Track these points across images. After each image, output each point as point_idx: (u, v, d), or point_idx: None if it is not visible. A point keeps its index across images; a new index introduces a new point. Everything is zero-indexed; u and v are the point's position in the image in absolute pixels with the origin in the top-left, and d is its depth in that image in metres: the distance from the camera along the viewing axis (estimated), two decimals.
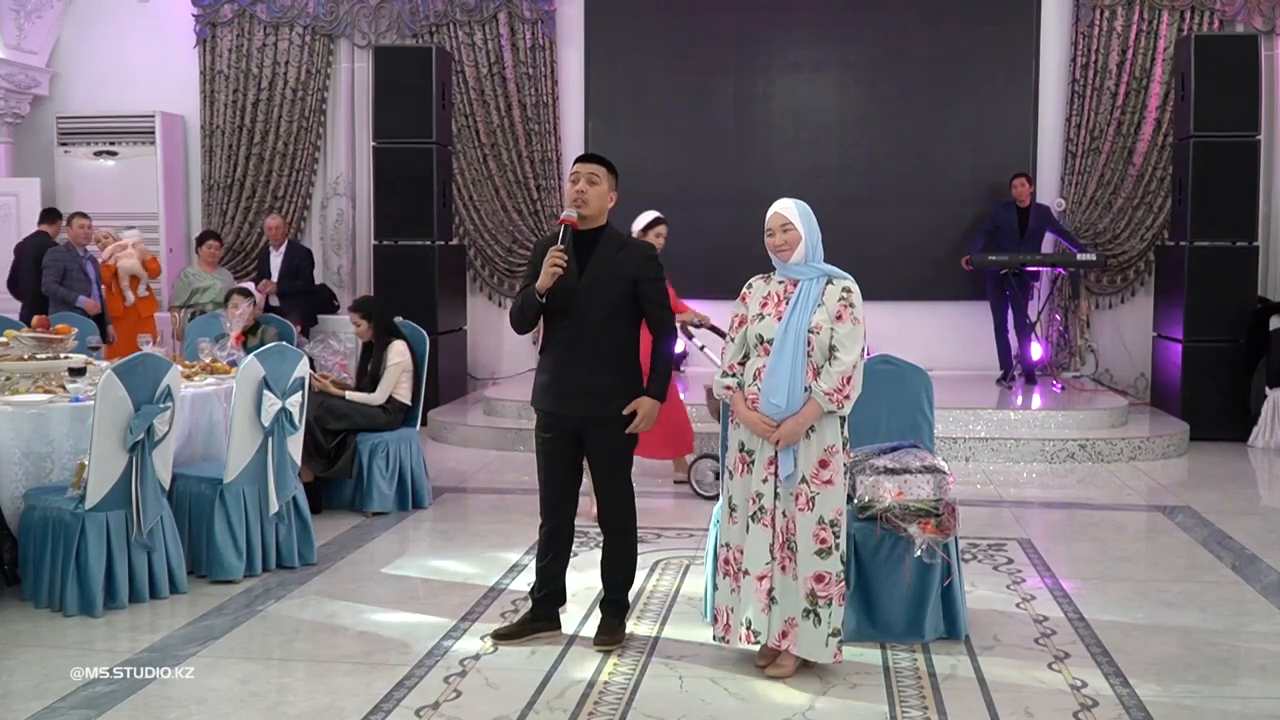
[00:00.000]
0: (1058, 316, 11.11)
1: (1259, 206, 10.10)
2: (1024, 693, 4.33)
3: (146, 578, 5.31)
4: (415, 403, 7.38)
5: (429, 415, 9.63)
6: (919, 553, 4.73)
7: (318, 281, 11.68)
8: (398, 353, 7.21)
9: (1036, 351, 10.51)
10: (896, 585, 4.80)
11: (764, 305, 4.46)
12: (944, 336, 11.00)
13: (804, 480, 4.37)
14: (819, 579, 4.36)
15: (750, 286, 4.56)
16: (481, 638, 4.88)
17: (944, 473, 4.82)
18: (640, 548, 5.10)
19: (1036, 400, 9.84)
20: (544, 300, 4.58)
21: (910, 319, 10.91)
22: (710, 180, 11.31)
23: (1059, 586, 5.65)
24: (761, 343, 4.42)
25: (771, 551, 4.42)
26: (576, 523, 4.96)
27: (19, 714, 4.08)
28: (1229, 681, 4.60)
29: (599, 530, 4.96)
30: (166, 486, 5.47)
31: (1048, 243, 10.72)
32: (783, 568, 4.41)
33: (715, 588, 4.83)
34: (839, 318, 4.34)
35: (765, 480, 4.42)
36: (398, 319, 7.56)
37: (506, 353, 11.87)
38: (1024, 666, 4.58)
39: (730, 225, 10.53)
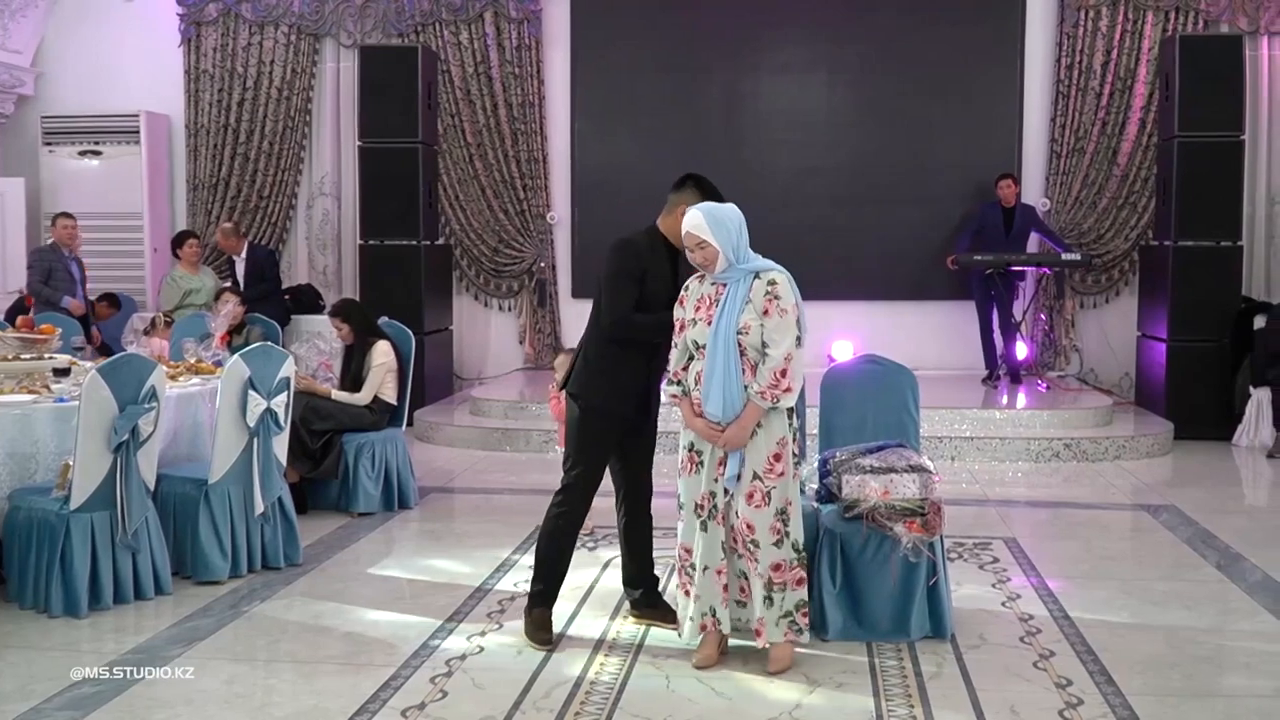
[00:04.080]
0: (1043, 316, 11.14)
1: (1243, 206, 10.13)
2: (1009, 691, 4.34)
3: (131, 579, 5.30)
4: (401, 403, 7.37)
5: (415, 415, 9.61)
6: (904, 552, 4.74)
7: (303, 281, 11.67)
8: (382, 353, 7.20)
9: (1022, 351, 10.53)
10: (882, 584, 4.81)
11: (698, 309, 4.45)
12: (930, 336, 11.02)
13: (757, 476, 4.41)
14: (775, 568, 4.44)
15: (687, 289, 4.55)
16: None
17: (929, 472, 4.83)
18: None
19: (1022, 399, 9.86)
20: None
21: (896, 318, 10.93)
22: None
23: (1044, 585, 5.66)
24: (698, 348, 4.43)
25: (724, 549, 4.50)
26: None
27: (4, 715, 4.07)
28: (1214, 680, 4.62)
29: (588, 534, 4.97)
30: (151, 487, 5.45)
31: (1033, 242, 10.75)
32: (751, 565, 4.47)
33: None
34: (765, 312, 4.33)
35: (716, 480, 4.48)
36: (383, 319, 7.55)
37: (492, 353, 11.87)
38: (1009, 665, 4.59)
39: None
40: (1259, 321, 9.64)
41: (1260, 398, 9.35)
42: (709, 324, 4.38)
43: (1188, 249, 9.72)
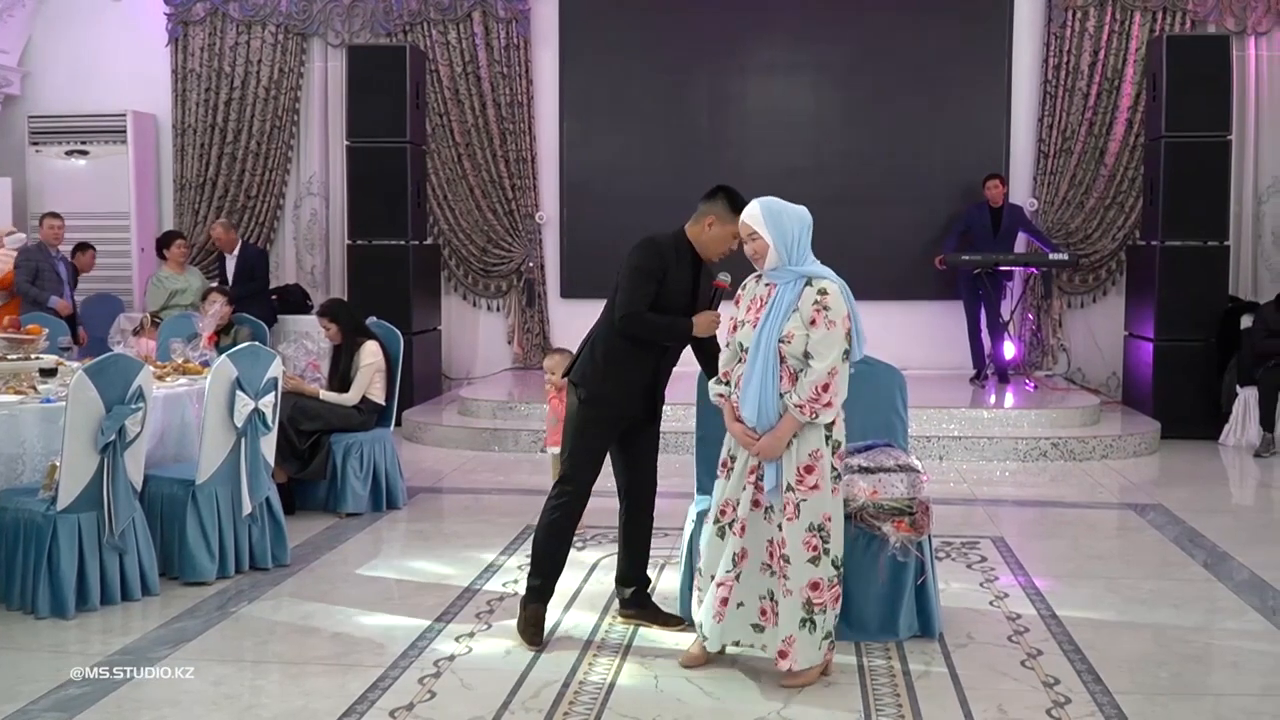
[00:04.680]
0: (1030, 316, 11.16)
1: (1230, 206, 10.16)
2: (998, 691, 4.35)
3: (118, 580, 5.28)
4: (389, 403, 7.36)
5: (403, 415, 9.60)
6: (893, 551, 4.75)
7: (291, 281, 11.65)
8: (370, 353, 7.18)
9: (1009, 351, 10.55)
10: (870, 584, 4.81)
11: (749, 309, 4.38)
12: (918, 336, 11.02)
13: (789, 488, 4.28)
14: (814, 586, 4.29)
15: (744, 288, 4.49)
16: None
17: (918, 471, 4.83)
18: (616, 547, 5.14)
19: (1009, 399, 9.88)
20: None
21: (884, 318, 10.86)
22: (685, 180, 11.22)
23: (1032, 585, 5.67)
24: (742, 350, 4.35)
25: (734, 561, 4.37)
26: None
27: None
28: (1201, 679, 4.64)
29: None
30: (138, 488, 5.44)
31: (1020, 242, 10.77)
32: (780, 581, 4.33)
33: (691, 587, 4.88)
34: (813, 323, 4.21)
35: (744, 489, 4.36)
36: (371, 319, 7.54)
37: (481, 353, 11.85)
38: (997, 664, 4.60)
39: None
40: (1246, 321, 9.69)
41: (1247, 397, 9.39)
42: (754, 326, 4.31)
43: (1175, 249, 9.75)
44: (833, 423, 4.30)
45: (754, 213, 4.36)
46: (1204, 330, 9.80)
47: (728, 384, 4.44)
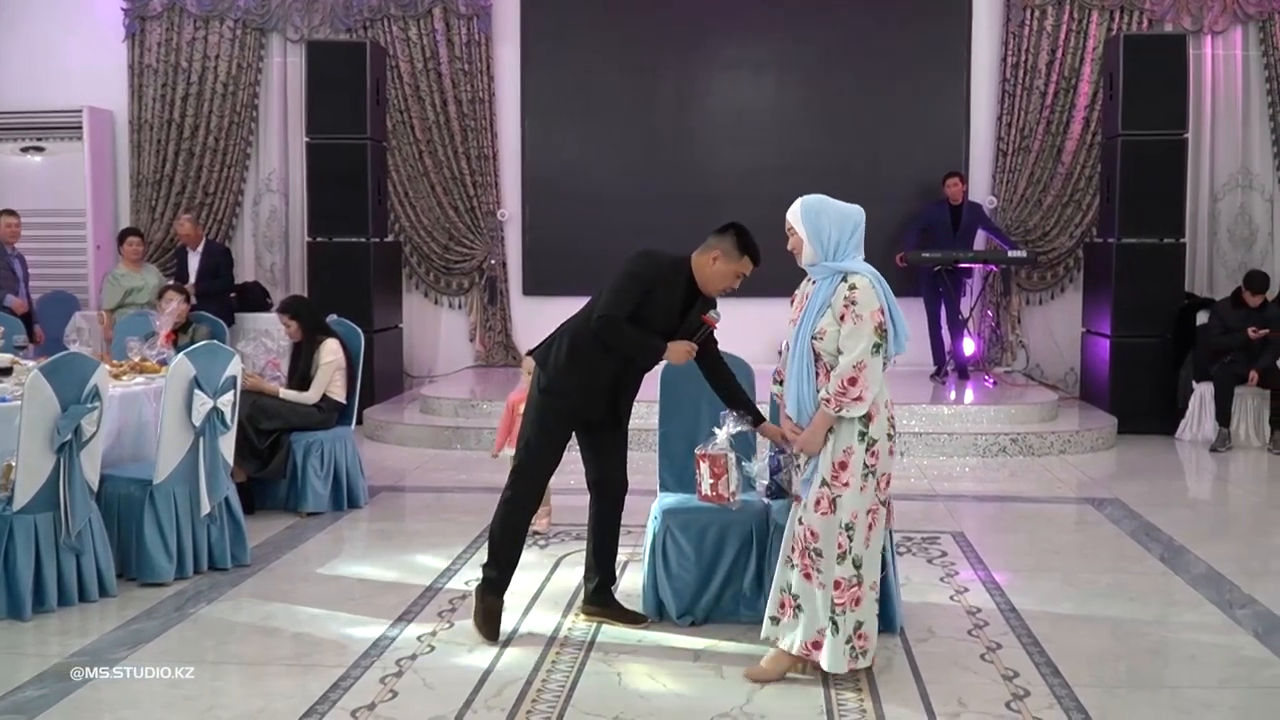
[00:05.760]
0: (990, 313, 11.24)
1: (1186, 204, 10.25)
2: (958, 684, 4.38)
3: (75, 580, 5.22)
4: (350, 401, 7.32)
5: (365, 414, 9.56)
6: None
7: (250, 279, 11.57)
8: (330, 351, 7.14)
9: (969, 347, 10.62)
10: None
11: (796, 308, 4.42)
12: None
13: (825, 483, 4.28)
14: (836, 585, 4.29)
15: (801, 287, 4.50)
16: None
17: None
18: (580, 545, 5.14)
19: (969, 395, 9.95)
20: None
21: None
22: (649, 178, 11.32)
23: (991, 579, 5.72)
24: (787, 349, 4.40)
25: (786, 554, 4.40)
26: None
27: None
28: (1159, 671, 4.69)
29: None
30: (95, 488, 5.38)
31: (980, 240, 10.84)
32: (807, 575, 4.32)
33: (654, 584, 4.91)
34: (842, 318, 4.22)
35: (805, 481, 4.39)
36: (332, 317, 7.49)
37: (443, 351, 11.81)
38: (958, 658, 4.63)
39: (668, 224, 10.49)
40: (1201, 317, 9.79)
41: (1203, 392, 9.49)
42: (794, 324, 4.35)
43: (1131, 246, 9.83)
44: (869, 419, 4.27)
45: (794, 209, 4.39)
46: (1160, 327, 9.89)
47: (780, 383, 4.49)
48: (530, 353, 5.05)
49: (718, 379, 4.87)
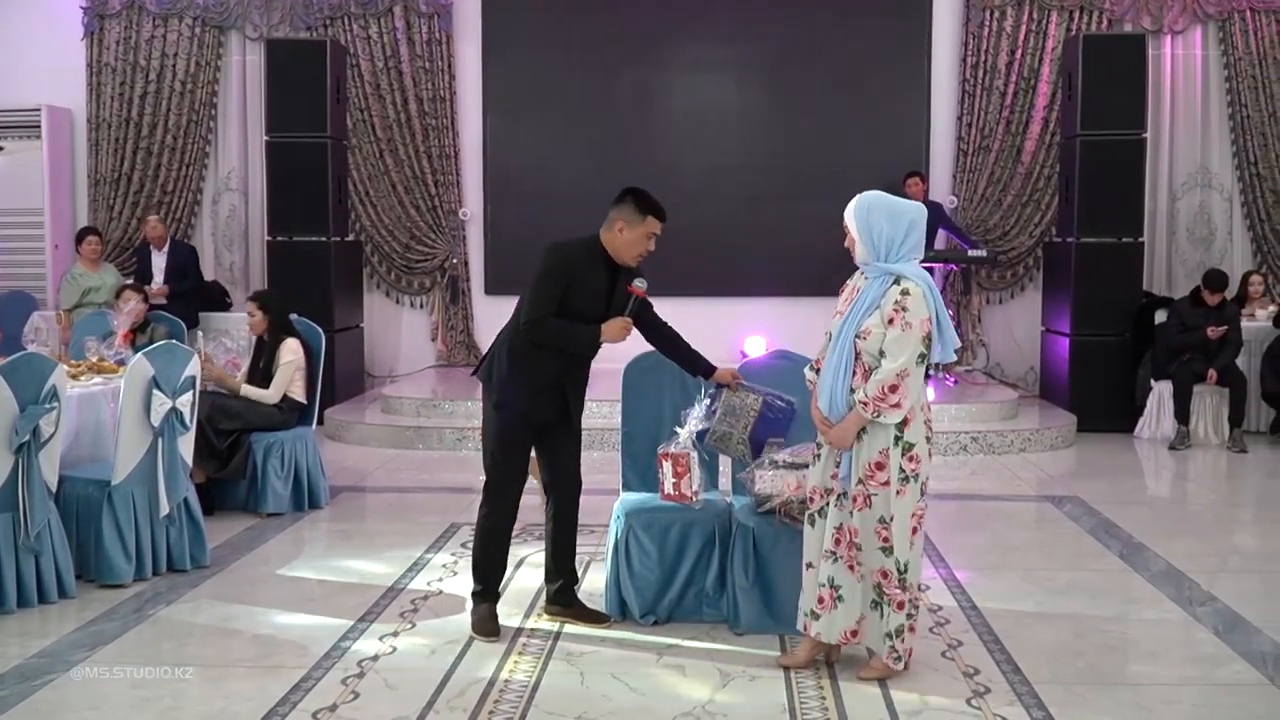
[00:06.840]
0: (950, 312, 11.28)
1: (1144, 203, 10.33)
2: (919, 682, 4.39)
3: (34, 582, 5.17)
4: (311, 401, 7.27)
5: (326, 414, 9.50)
6: None
7: (210, 278, 11.48)
8: (290, 350, 7.09)
9: None
10: (794, 577, 4.82)
11: (845, 300, 4.41)
12: None
13: (860, 481, 4.29)
14: (884, 574, 4.30)
15: (853, 279, 4.49)
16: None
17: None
18: (541, 545, 5.13)
19: (930, 394, 9.98)
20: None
21: (808, 314, 10.92)
22: (610, 176, 11.16)
23: (952, 576, 5.75)
24: (829, 340, 4.39)
25: (823, 550, 4.39)
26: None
27: None
28: (1119, 668, 4.73)
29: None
30: (53, 488, 5.33)
31: (940, 239, 10.90)
32: (850, 567, 4.35)
33: (617, 583, 4.91)
34: (890, 321, 4.19)
35: (833, 478, 4.37)
36: (293, 316, 7.44)
37: (404, 350, 11.76)
38: (919, 655, 4.63)
39: None
40: (1160, 316, 9.87)
41: (1161, 391, 9.57)
42: (841, 317, 4.33)
43: (1090, 245, 9.90)
44: (905, 423, 4.25)
45: (849, 206, 4.41)
46: (1119, 325, 9.97)
47: (817, 372, 4.46)
48: (473, 373, 5.05)
49: (664, 343, 4.93)
